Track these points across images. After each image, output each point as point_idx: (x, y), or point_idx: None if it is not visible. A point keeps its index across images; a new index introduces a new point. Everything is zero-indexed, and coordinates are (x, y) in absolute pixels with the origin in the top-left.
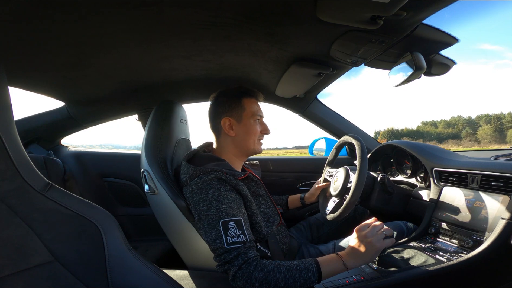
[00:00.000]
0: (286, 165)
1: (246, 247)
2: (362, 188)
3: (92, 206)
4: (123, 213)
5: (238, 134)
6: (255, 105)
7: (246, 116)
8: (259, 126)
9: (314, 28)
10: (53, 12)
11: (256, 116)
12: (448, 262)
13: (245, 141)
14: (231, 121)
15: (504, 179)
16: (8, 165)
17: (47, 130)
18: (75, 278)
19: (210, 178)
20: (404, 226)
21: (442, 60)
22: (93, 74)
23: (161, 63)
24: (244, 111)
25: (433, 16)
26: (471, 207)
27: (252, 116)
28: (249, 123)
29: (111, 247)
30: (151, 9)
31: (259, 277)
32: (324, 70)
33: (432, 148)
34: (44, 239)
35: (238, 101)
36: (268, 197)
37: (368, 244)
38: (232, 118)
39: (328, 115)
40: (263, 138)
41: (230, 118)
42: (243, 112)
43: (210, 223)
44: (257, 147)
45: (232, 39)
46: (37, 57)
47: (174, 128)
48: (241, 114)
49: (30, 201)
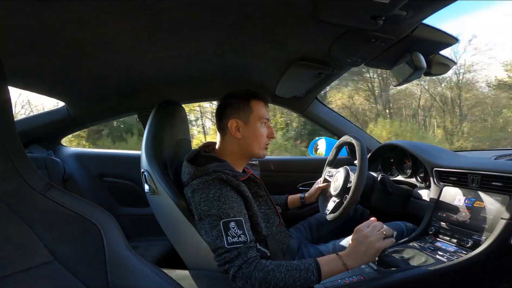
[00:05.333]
0: (286, 165)
1: (247, 247)
2: (362, 188)
3: (92, 206)
4: (123, 213)
5: (245, 137)
6: (263, 108)
7: (254, 119)
8: (265, 130)
9: (314, 28)
10: (53, 12)
11: (263, 120)
12: (448, 262)
13: (251, 144)
14: (239, 123)
15: (504, 179)
16: (8, 165)
17: (47, 130)
18: (75, 278)
19: (211, 179)
20: (404, 226)
21: (442, 60)
22: (93, 74)
23: (161, 63)
24: (252, 114)
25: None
26: (471, 207)
27: (259, 119)
28: (256, 126)
29: (111, 247)
30: (151, 9)
31: (259, 277)
32: (324, 70)
33: (432, 147)
34: (44, 239)
35: (246, 104)
36: (269, 197)
37: (368, 244)
38: (239, 120)
39: (328, 115)
40: (269, 143)
41: (237, 120)
42: (250, 114)
43: (211, 223)
44: (261, 152)
45: (232, 39)
46: (37, 57)
47: (174, 128)
48: (249, 117)
49: (30, 201)
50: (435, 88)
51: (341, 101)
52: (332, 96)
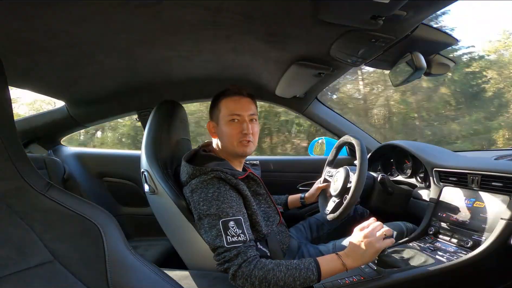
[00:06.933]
0: (287, 165)
1: (246, 246)
2: (362, 188)
3: (92, 206)
4: (123, 213)
5: (220, 137)
6: (232, 105)
7: (222, 118)
8: (236, 126)
9: (314, 28)
10: (53, 12)
11: (232, 116)
12: (448, 262)
13: (225, 143)
14: (212, 124)
15: (504, 179)
16: (8, 165)
17: (47, 130)
18: (75, 278)
19: (210, 178)
20: (404, 226)
21: (442, 60)
22: (93, 74)
23: (161, 63)
24: (220, 113)
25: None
26: (471, 207)
27: (228, 116)
28: (225, 125)
29: (111, 247)
30: (151, 9)
31: (259, 276)
32: (324, 70)
33: (432, 148)
34: (44, 238)
35: (216, 104)
36: (268, 196)
37: (367, 244)
38: (212, 121)
39: (328, 115)
40: (248, 139)
41: (211, 121)
42: (219, 114)
43: (210, 222)
44: (238, 149)
45: (232, 39)
46: (37, 57)
47: (174, 128)
48: (218, 117)
49: (30, 201)
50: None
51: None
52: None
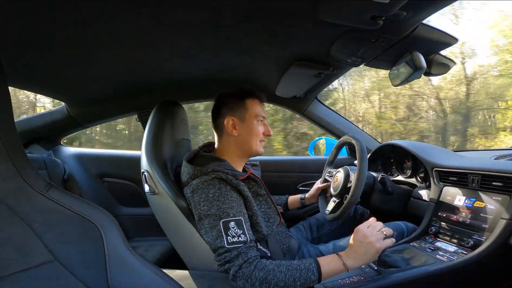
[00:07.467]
0: (287, 165)
1: (247, 246)
2: (362, 188)
3: (92, 206)
4: (123, 213)
5: (241, 134)
6: (258, 107)
7: (249, 117)
8: (261, 128)
9: (314, 28)
10: (53, 12)
11: (259, 117)
12: (448, 262)
13: (248, 141)
14: (235, 121)
15: (504, 179)
16: (8, 165)
17: (47, 131)
18: (75, 278)
19: (211, 178)
20: (404, 226)
21: (442, 60)
22: (93, 74)
23: (161, 63)
24: (247, 112)
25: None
26: (471, 207)
27: (255, 117)
28: (252, 123)
29: (111, 247)
30: (151, 9)
31: (259, 277)
32: (324, 70)
33: (432, 147)
34: (44, 239)
35: (241, 102)
36: (269, 197)
37: (368, 244)
38: (235, 118)
39: (328, 115)
40: (265, 140)
41: (233, 118)
42: (246, 112)
43: (211, 222)
44: (258, 148)
45: (232, 39)
46: (37, 57)
47: (174, 128)
48: (244, 115)
49: (30, 201)
50: None
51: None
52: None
